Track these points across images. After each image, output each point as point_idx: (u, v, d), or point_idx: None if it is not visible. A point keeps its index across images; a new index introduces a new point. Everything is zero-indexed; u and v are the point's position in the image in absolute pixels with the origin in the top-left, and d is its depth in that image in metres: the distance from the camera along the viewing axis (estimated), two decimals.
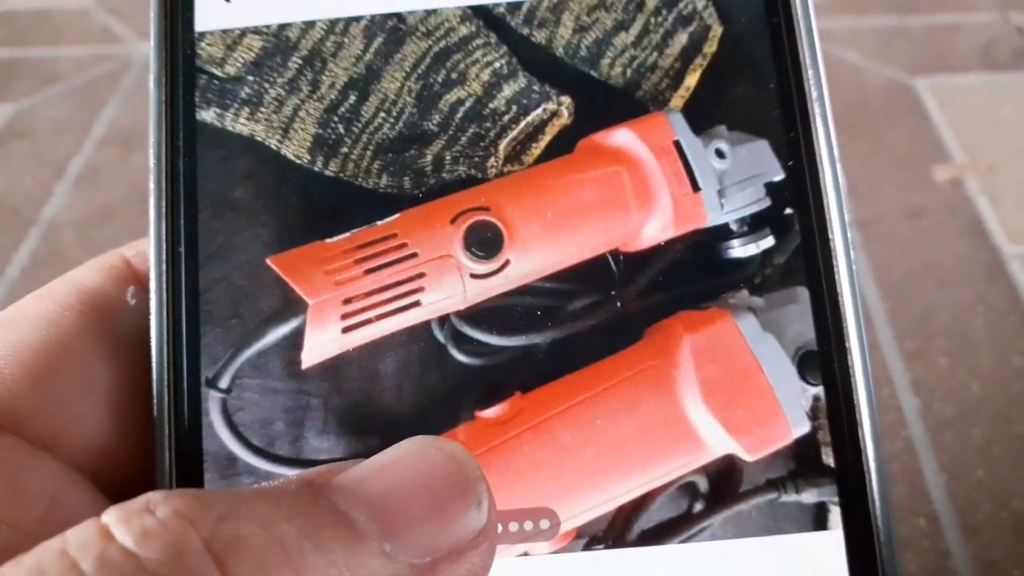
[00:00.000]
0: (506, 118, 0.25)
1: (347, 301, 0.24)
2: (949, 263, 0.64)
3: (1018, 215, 0.67)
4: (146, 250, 0.24)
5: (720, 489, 0.23)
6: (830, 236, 0.23)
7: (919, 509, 0.51)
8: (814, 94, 0.24)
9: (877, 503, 0.22)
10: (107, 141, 0.91)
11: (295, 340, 0.24)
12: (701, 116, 0.24)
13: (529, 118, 0.25)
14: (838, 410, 0.23)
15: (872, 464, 0.23)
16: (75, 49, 1.03)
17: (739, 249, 0.24)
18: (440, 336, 0.24)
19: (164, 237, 0.24)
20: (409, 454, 0.19)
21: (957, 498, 0.52)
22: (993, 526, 0.50)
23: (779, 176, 0.24)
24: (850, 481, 0.23)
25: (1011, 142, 0.73)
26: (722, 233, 0.24)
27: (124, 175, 0.87)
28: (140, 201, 0.81)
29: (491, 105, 0.25)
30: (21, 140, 0.92)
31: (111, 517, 0.16)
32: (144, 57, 0.99)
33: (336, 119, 0.25)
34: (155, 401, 0.23)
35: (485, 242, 0.24)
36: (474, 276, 0.24)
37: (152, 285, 0.24)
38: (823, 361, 0.23)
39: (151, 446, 0.23)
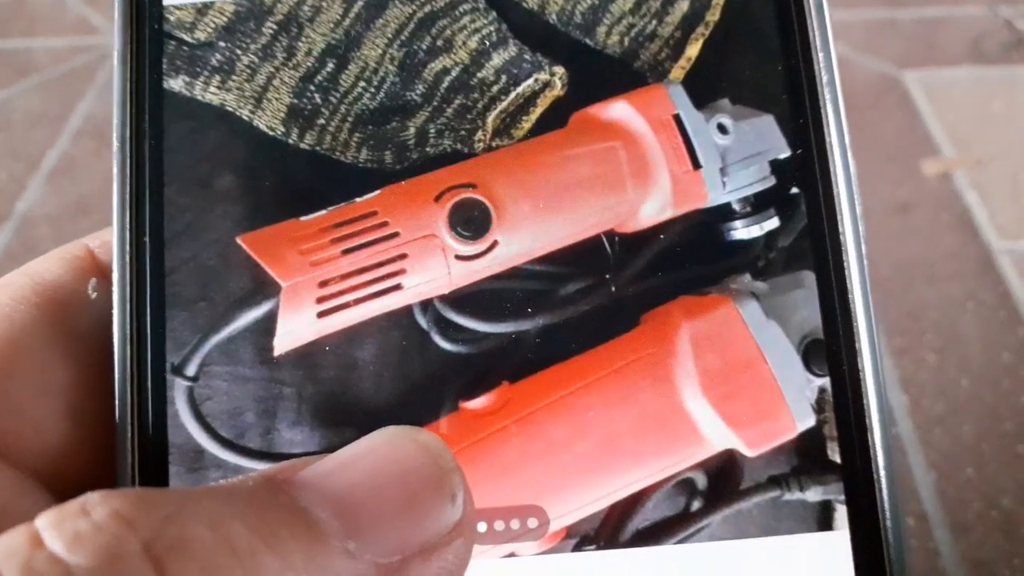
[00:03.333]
0: (495, 89, 0.23)
1: (323, 283, 0.22)
2: (938, 258, 0.64)
3: (1007, 209, 0.67)
4: (111, 240, 0.23)
5: (720, 486, 0.22)
6: (839, 217, 0.22)
7: (908, 508, 0.51)
8: (823, 66, 0.23)
9: (886, 502, 0.21)
10: (83, 134, 0.90)
11: (267, 325, 0.22)
12: (703, 89, 0.23)
13: (519, 89, 0.23)
14: (845, 403, 0.22)
15: (881, 461, 0.21)
16: (51, 40, 1.01)
17: (742, 231, 0.23)
18: (423, 321, 0.22)
19: (128, 214, 0.22)
20: (379, 445, 0.18)
21: (947, 496, 0.51)
22: (983, 524, 0.50)
23: (785, 153, 0.23)
24: (857, 479, 0.21)
25: (1000, 136, 0.72)
26: (724, 213, 0.23)
27: (100, 169, 0.86)
28: None
29: (479, 75, 0.23)
30: None
31: (43, 521, 0.15)
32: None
33: (312, 88, 0.23)
34: (117, 389, 0.22)
35: (471, 221, 0.22)
36: (459, 258, 0.22)
37: (115, 264, 0.22)
38: (830, 351, 0.22)
39: (112, 442, 0.21)
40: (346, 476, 0.18)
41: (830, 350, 0.22)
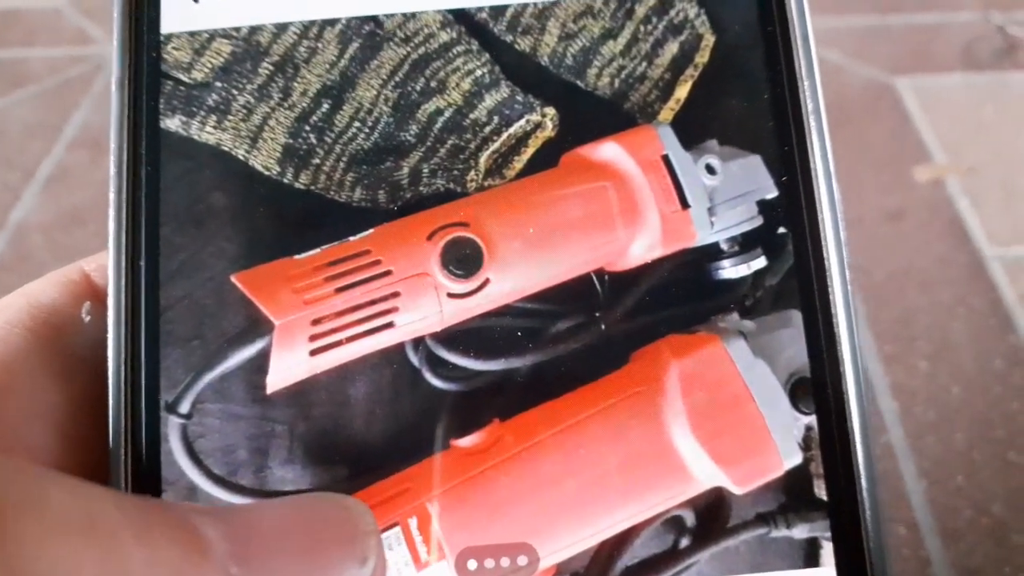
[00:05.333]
0: (487, 129, 0.24)
1: (316, 322, 0.22)
2: (930, 265, 0.64)
3: (999, 216, 0.67)
4: (106, 264, 0.23)
5: (707, 524, 0.22)
6: (825, 257, 0.22)
7: (899, 516, 0.51)
8: (810, 107, 0.23)
9: (871, 540, 0.21)
10: (78, 144, 0.90)
11: (260, 363, 0.22)
12: (691, 130, 0.23)
13: (512, 130, 0.23)
14: (832, 441, 0.22)
15: (866, 498, 0.22)
16: (47, 50, 1.01)
17: (730, 270, 0.23)
18: (415, 359, 0.23)
19: (124, 251, 0.22)
20: (299, 499, 0.18)
21: (937, 504, 0.51)
22: (974, 532, 0.50)
23: (772, 194, 0.23)
24: (843, 516, 0.22)
25: (992, 143, 0.73)
26: (712, 253, 0.23)
27: (95, 179, 0.86)
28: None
29: (472, 115, 0.24)
30: None
31: None
32: None
33: (308, 128, 0.24)
34: (111, 426, 0.22)
35: (464, 260, 0.23)
36: (451, 296, 0.23)
37: (110, 302, 0.22)
38: (816, 389, 0.22)
39: (105, 474, 0.22)
40: (250, 513, 0.17)
41: (817, 388, 0.22)
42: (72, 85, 0.97)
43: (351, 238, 0.23)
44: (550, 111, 0.24)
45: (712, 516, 0.22)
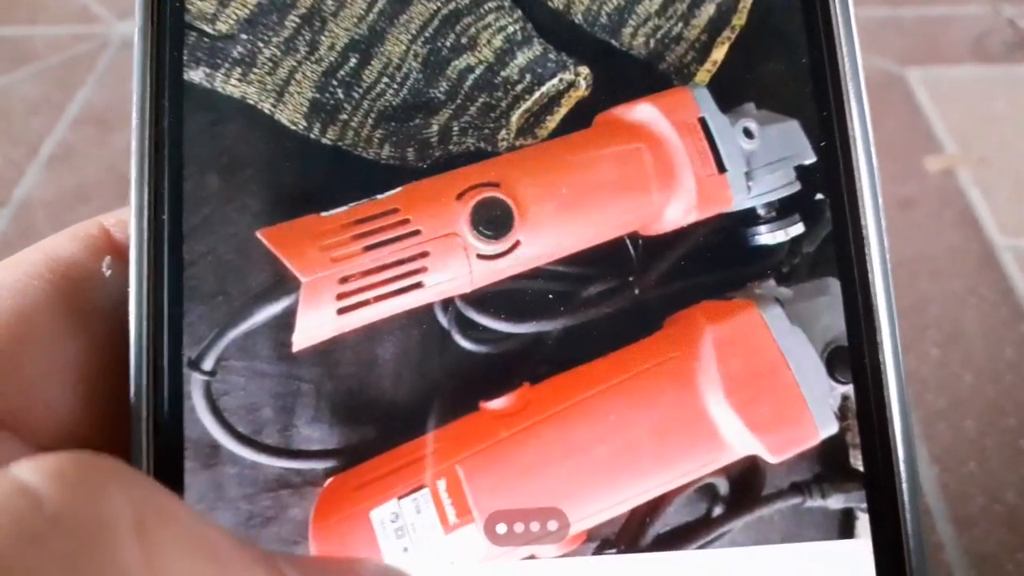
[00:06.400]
0: (519, 88, 0.23)
1: (343, 280, 0.22)
2: (941, 254, 0.64)
3: (1010, 207, 0.67)
4: (127, 219, 0.22)
5: (741, 492, 0.22)
6: (863, 224, 0.22)
7: None
8: (849, 72, 0.22)
9: (908, 511, 0.21)
10: (82, 121, 0.89)
11: (286, 321, 0.22)
12: (728, 93, 0.23)
13: (544, 88, 0.23)
14: (868, 411, 0.22)
15: (903, 469, 0.21)
16: (52, 28, 1.00)
17: (767, 236, 0.22)
18: (444, 320, 0.22)
19: (146, 205, 0.22)
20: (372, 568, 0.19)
21: (949, 491, 0.51)
22: (986, 519, 0.50)
23: (810, 159, 0.23)
24: (880, 487, 0.21)
25: (1003, 134, 0.72)
26: (749, 218, 0.23)
27: (100, 156, 0.85)
28: (116, 183, 0.79)
29: (503, 73, 0.23)
30: None
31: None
32: (123, 37, 0.97)
33: (335, 83, 0.23)
34: (132, 382, 0.21)
35: (494, 221, 0.22)
36: (481, 257, 0.22)
37: (132, 256, 0.22)
38: (854, 358, 0.22)
39: (126, 430, 0.21)
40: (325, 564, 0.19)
41: (854, 357, 0.22)
42: (76, 63, 0.96)
43: (379, 196, 0.22)
44: (584, 70, 0.23)
45: (746, 485, 0.22)
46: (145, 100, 0.22)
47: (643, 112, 0.23)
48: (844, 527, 0.21)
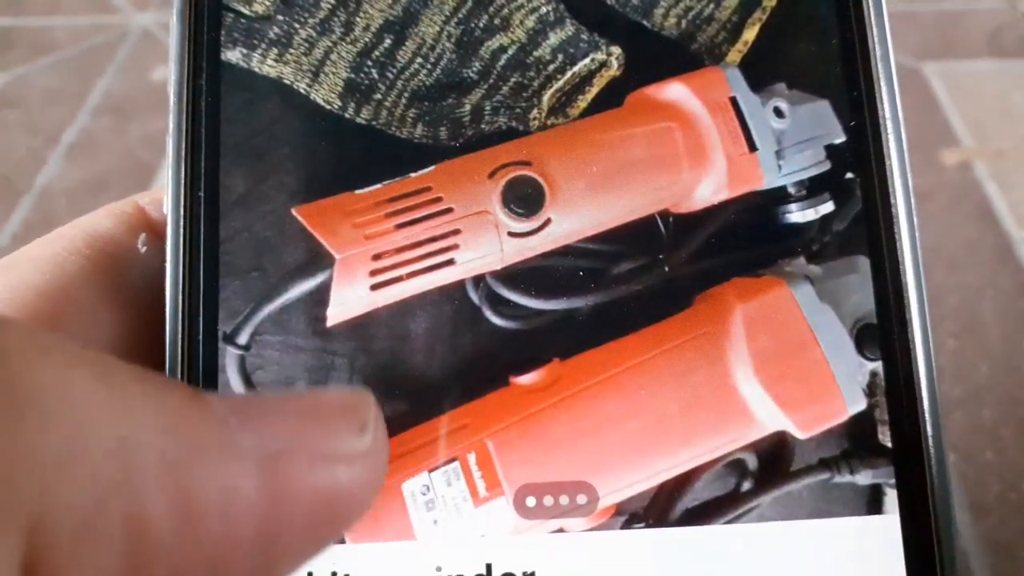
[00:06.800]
0: (551, 68, 0.23)
1: (377, 257, 0.22)
2: (957, 247, 0.64)
3: None
4: (161, 198, 0.23)
5: (770, 468, 0.22)
6: (892, 203, 0.22)
7: None
8: (879, 53, 0.23)
9: (936, 487, 0.21)
10: (102, 111, 0.89)
11: (320, 296, 0.22)
12: (759, 73, 0.23)
13: (576, 68, 0.23)
14: (897, 387, 0.22)
15: (932, 445, 0.21)
16: (72, 19, 1.01)
17: (797, 214, 0.23)
18: (475, 297, 0.22)
19: (183, 182, 0.22)
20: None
21: (966, 479, 0.51)
22: (1002, 507, 0.50)
23: (840, 139, 0.23)
24: (908, 463, 0.21)
25: (1019, 128, 0.72)
26: (779, 196, 0.23)
27: (119, 145, 0.86)
28: (135, 171, 0.79)
29: (535, 53, 0.23)
30: (13, 108, 0.90)
31: None
32: (142, 27, 0.97)
33: (370, 63, 0.23)
34: (168, 355, 0.22)
35: (525, 199, 0.23)
36: (512, 234, 0.23)
37: (169, 232, 0.22)
38: (883, 335, 0.22)
39: None
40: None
41: (883, 335, 0.22)
42: (96, 53, 0.97)
43: (412, 174, 0.23)
44: (616, 50, 0.23)
45: (775, 460, 0.22)
46: (183, 80, 0.23)
47: (675, 91, 0.23)
48: (872, 503, 0.22)
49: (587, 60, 0.23)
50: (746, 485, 0.22)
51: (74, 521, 0.12)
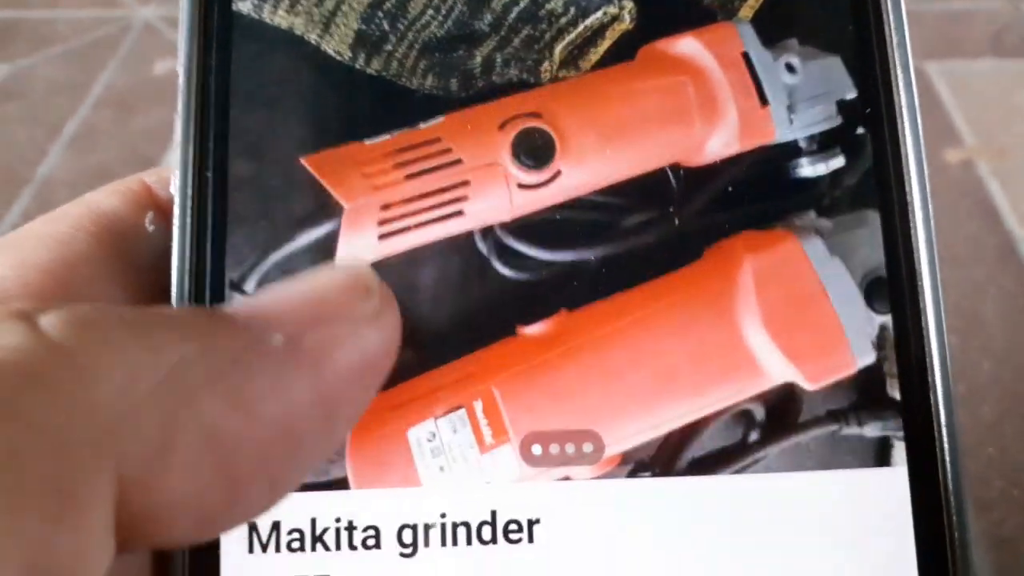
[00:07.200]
0: (563, 20, 0.23)
1: (385, 207, 0.22)
2: (960, 244, 0.64)
3: None
4: (168, 178, 0.23)
5: (777, 419, 0.22)
6: (903, 158, 0.22)
7: None
8: (891, 7, 0.23)
9: (945, 440, 0.21)
10: (104, 103, 0.90)
11: (328, 245, 0.22)
12: (771, 28, 0.23)
13: (588, 21, 0.23)
14: (906, 341, 0.22)
15: (940, 399, 0.21)
16: (75, 12, 1.01)
17: (807, 168, 0.23)
18: (483, 248, 0.22)
19: (192, 130, 0.22)
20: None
21: (968, 475, 0.51)
22: (1005, 503, 0.50)
23: (852, 94, 0.23)
24: (916, 416, 0.21)
25: (1022, 127, 0.72)
26: (790, 151, 0.23)
27: (121, 138, 0.86)
28: (137, 164, 0.79)
29: (547, 6, 0.23)
30: (16, 100, 0.90)
31: None
32: (145, 21, 0.97)
33: (381, 15, 0.23)
34: (174, 300, 0.22)
35: (535, 151, 0.22)
36: (522, 186, 0.22)
37: (177, 176, 0.22)
38: (892, 289, 0.22)
39: None
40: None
41: (892, 289, 0.22)
42: (99, 45, 0.97)
43: (422, 125, 0.23)
44: (628, 3, 0.23)
45: (782, 411, 0.22)
46: (193, 27, 0.23)
47: (687, 46, 0.23)
48: (880, 455, 0.21)
49: (599, 13, 0.23)
50: (753, 436, 0.22)
51: (151, 447, 0.14)
